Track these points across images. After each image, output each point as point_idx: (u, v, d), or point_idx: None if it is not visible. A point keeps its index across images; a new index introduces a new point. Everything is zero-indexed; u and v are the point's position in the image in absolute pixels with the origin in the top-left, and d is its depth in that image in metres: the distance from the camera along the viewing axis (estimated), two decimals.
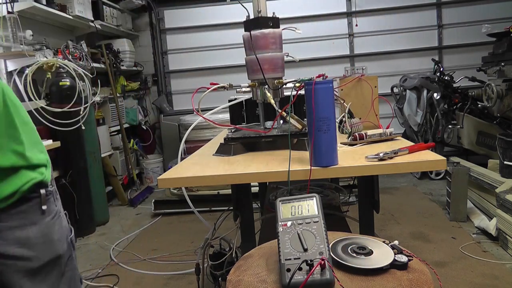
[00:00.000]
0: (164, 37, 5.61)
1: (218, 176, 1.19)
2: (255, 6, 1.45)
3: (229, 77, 5.20)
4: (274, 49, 1.46)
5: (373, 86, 1.88)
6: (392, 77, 5.04)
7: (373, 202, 1.56)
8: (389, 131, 1.47)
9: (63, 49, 3.53)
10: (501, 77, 3.48)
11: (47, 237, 1.04)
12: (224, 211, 1.89)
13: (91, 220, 3.58)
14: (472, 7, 5.16)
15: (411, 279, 0.81)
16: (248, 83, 1.52)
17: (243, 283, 0.85)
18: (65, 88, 3.25)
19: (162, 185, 1.21)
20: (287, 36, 1.56)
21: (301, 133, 1.40)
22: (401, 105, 4.57)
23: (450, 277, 2.30)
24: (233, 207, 1.79)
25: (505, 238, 2.58)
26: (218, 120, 3.64)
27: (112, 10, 4.77)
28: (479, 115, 3.93)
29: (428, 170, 4.21)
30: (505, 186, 2.73)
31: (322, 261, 0.75)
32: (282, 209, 0.89)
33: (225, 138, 1.47)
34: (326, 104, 1.11)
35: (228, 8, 5.36)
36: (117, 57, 4.80)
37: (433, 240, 2.84)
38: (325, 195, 2.19)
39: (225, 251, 1.82)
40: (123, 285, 2.54)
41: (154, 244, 3.17)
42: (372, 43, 5.30)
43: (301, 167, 1.15)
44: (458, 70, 4.74)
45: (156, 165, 5.29)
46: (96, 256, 3.03)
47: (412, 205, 3.62)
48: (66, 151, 3.32)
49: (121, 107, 4.74)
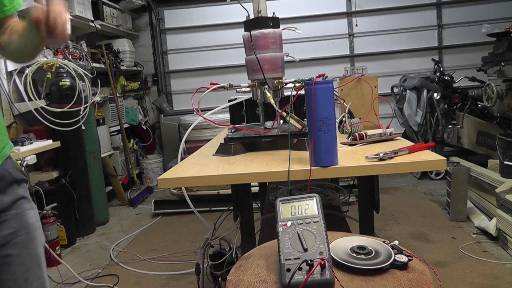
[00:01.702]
0: (164, 37, 5.61)
1: (218, 176, 1.19)
2: (255, 6, 1.44)
3: (229, 77, 5.21)
4: (274, 49, 1.46)
5: (373, 86, 1.88)
6: (392, 77, 5.05)
7: (373, 202, 1.56)
8: (389, 131, 1.47)
9: (63, 49, 3.53)
10: (501, 77, 3.48)
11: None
12: (224, 211, 1.89)
13: (91, 220, 3.58)
14: (472, 7, 5.16)
15: (411, 279, 0.81)
16: (248, 83, 1.52)
17: (243, 283, 0.85)
18: (65, 88, 3.25)
19: (162, 185, 1.21)
20: (287, 36, 1.56)
21: (301, 133, 1.40)
22: (401, 105, 4.57)
23: (450, 277, 2.30)
24: (233, 207, 1.79)
25: (505, 238, 2.58)
26: (218, 120, 3.65)
27: (112, 10, 4.77)
28: (479, 115, 3.93)
29: (428, 170, 4.22)
30: (505, 186, 2.73)
31: (322, 261, 0.75)
32: (282, 209, 0.89)
33: (225, 138, 1.47)
34: (326, 104, 1.11)
35: (228, 8, 5.36)
36: (117, 57, 4.80)
37: (433, 240, 2.84)
38: (325, 195, 2.19)
39: (225, 251, 1.82)
40: (123, 285, 2.54)
41: (154, 244, 3.17)
42: (372, 43, 5.30)
43: (301, 167, 1.15)
44: (458, 70, 4.74)
45: (156, 165, 5.29)
46: (96, 256, 3.03)
47: (412, 205, 3.62)
48: (66, 151, 3.32)
49: (121, 107, 4.75)
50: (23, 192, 1.07)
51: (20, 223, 1.03)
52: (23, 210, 1.04)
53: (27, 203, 1.07)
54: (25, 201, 1.06)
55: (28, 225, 1.04)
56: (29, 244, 1.03)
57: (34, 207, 1.09)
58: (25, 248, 1.02)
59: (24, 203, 1.05)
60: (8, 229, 1.00)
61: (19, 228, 1.02)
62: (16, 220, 1.02)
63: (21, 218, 1.03)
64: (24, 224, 1.04)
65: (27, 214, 1.05)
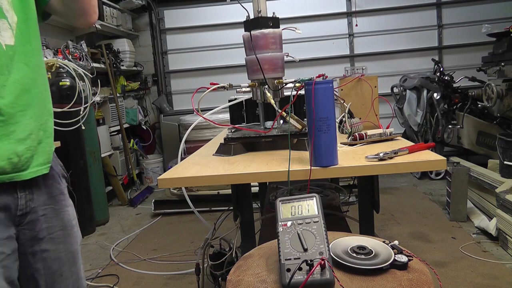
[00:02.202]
0: (164, 37, 5.61)
1: (218, 176, 1.19)
2: (255, 6, 1.44)
3: (229, 77, 5.21)
4: (274, 49, 1.46)
5: (373, 86, 1.88)
6: (392, 77, 5.05)
7: (373, 202, 1.56)
8: (389, 131, 1.47)
9: (63, 49, 3.53)
10: (501, 77, 3.48)
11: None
12: (224, 211, 1.89)
13: (91, 220, 3.59)
14: (472, 7, 5.16)
15: (411, 279, 0.81)
16: (248, 83, 1.52)
17: (243, 283, 0.85)
18: (65, 88, 3.25)
19: (162, 185, 1.21)
20: (287, 36, 1.56)
21: (301, 133, 1.40)
22: (401, 105, 4.57)
23: (450, 277, 2.30)
24: (233, 207, 1.79)
25: (505, 238, 2.58)
26: (218, 120, 3.65)
27: (112, 10, 4.77)
28: (479, 115, 3.93)
29: (428, 170, 4.22)
30: (505, 186, 2.73)
31: (322, 261, 0.75)
32: (282, 209, 0.89)
33: (225, 138, 1.47)
34: (326, 104, 1.11)
35: (228, 8, 5.36)
36: (117, 57, 4.80)
37: (433, 240, 2.84)
38: (325, 195, 2.19)
39: (225, 251, 1.82)
40: (123, 285, 2.54)
41: (154, 244, 3.17)
42: (372, 43, 5.30)
43: (301, 167, 1.15)
44: (458, 70, 4.74)
45: (156, 165, 5.29)
46: (96, 256, 3.03)
47: (412, 205, 3.62)
48: (66, 151, 3.32)
49: (121, 107, 4.75)
50: (63, 188, 1.07)
51: (58, 219, 1.02)
52: (62, 207, 1.04)
53: (66, 200, 1.06)
54: (64, 198, 1.06)
55: (65, 222, 1.04)
56: (65, 240, 1.03)
57: (71, 205, 1.09)
58: (61, 244, 1.02)
59: (63, 200, 1.05)
60: (46, 223, 0.99)
61: (56, 224, 1.02)
62: (54, 215, 1.01)
63: (59, 214, 1.03)
64: (61, 220, 1.03)
65: (65, 211, 1.05)
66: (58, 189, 1.04)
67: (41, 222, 0.98)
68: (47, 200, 1.01)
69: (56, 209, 1.02)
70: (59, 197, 1.04)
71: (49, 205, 1.01)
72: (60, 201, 1.04)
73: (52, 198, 1.02)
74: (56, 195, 1.03)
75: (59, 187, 1.05)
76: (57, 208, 1.02)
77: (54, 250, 1.01)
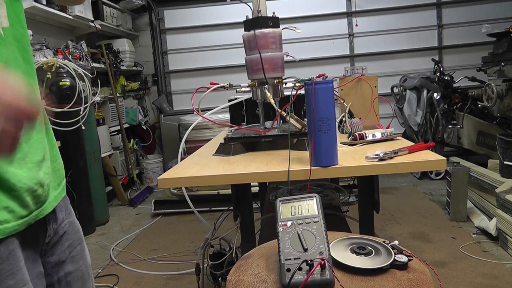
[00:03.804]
0: (164, 37, 5.61)
1: (218, 176, 1.19)
2: (255, 6, 1.44)
3: (229, 77, 5.20)
4: (274, 49, 1.45)
5: (373, 86, 1.88)
6: (392, 77, 5.05)
7: (373, 202, 1.56)
8: (389, 131, 1.47)
9: (63, 49, 3.53)
10: (501, 77, 3.48)
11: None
12: (224, 211, 1.89)
13: (91, 220, 3.59)
14: (472, 7, 5.16)
15: (411, 279, 0.81)
16: (248, 83, 1.52)
17: (243, 283, 0.85)
18: (65, 88, 3.25)
19: (162, 185, 1.21)
20: (287, 36, 1.56)
21: (301, 133, 1.40)
22: (401, 105, 4.57)
23: (450, 277, 2.30)
24: (233, 207, 1.79)
25: (505, 238, 2.58)
26: (218, 120, 3.65)
27: (112, 10, 4.77)
28: (479, 115, 3.93)
29: (428, 170, 4.22)
30: (505, 186, 2.73)
31: (322, 261, 0.75)
32: (282, 209, 0.89)
33: (225, 138, 1.47)
34: (326, 104, 1.11)
35: (228, 8, 5.36)
36: (117, 57, 4.80)
37: (433, 240, 2.84)
38: (325, 195, 2.19)
39: (225, 251, 1.82)
40: (123, 285, 2.54)
41: (154, 244, 3.17)
42: (372, 43, 5.30)
43: (301, 167, 1.15)
44: (458, 70, 4.74)
45: (156, 165, 5.29)
46: (96, 256, 3.03)
47: (412, 205, 3.62)
48: (66, 151, 3.31)
49: (121, 107, 4.75)
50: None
51: (74, 232, 0.90)
52: (73, 216, 0.92)
53: (70, 207, 0.93)
54: (70, 205, 0.93)
55: (80, 233, 0.92)
56: (83, 255, 0.92)
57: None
58: (81, 260, 0.91)
59: (71, 208, 0.92)
60: (67, 241, 0.88)
61: (75, 239, 0.90)
62: (72, 229, 0.89)
63: (75, 226, 0.91)
64: (77, 233, 0.91)
65: (75, 220, 0.92)
66: (66, 197, 0.92)
67: (63, 242, 0.87)
68: (65, 215, 0.89)
69: (71, 221, 0.91)
70: (69, 206, 0.92)
71: (67, 220, 0.89)
72: (71, 211, 0.92)
73: (67, 210, 0.90)
74: (67, 204, 0.91)
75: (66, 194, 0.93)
76: (71, 220, 0.91)
77: (76, 270, 0.90)
